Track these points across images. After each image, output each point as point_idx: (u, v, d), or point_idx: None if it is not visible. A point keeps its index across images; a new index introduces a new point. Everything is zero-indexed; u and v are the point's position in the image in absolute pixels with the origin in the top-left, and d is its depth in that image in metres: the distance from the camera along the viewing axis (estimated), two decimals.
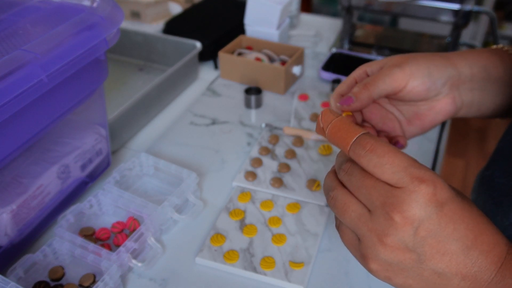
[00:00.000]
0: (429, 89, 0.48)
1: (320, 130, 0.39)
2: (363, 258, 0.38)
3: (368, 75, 0.50)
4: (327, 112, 0.39)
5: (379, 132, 0.52)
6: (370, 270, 0.38)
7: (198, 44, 0.99)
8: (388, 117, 0.52)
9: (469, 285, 0.35)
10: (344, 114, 0.47)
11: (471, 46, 1.09)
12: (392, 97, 0.50)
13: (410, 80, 0.47)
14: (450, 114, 0.51)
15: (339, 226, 0.41)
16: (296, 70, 0.98)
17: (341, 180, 0.39)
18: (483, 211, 0.46)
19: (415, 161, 0.35)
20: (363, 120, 0.53)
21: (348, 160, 0.38)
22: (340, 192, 0.38)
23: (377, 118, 0.52)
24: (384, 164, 0.35)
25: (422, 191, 0.33)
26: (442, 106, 0.50)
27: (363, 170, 0.36)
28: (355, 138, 0.36)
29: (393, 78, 0.47)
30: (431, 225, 0.34)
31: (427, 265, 0.35)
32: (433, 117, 0.51)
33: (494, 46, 0.54)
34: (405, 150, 0.40)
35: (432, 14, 0.97)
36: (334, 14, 2.60)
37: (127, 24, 1.22)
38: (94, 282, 0.59)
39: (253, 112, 0.92)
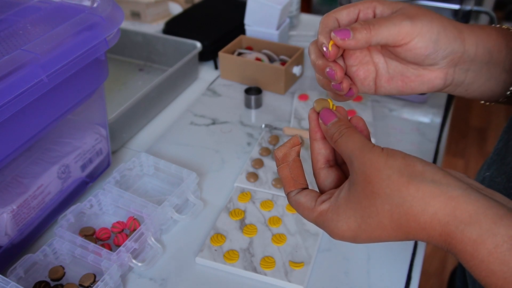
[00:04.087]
0: (429, 55, 0.45)
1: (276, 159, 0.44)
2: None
3: (374, 14, 0.44)
4: (280, 152, 0.44)
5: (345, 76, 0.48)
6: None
7: (198, 44, 0.99)
8: (367, 66, 0.48)
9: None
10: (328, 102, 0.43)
11: None
12: (388, 48, 0.46)
13: (415, 39, 0.43)
14: (435, 88, 0.48)
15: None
16: (296, 70, 0.98)
17: None
18: None
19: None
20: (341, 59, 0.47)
21: None
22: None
23: (355, 62, 0.48)
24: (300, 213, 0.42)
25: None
26: (431, 78, 0.47)
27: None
28: (287, 193, 0.42)
29: (400, 29, 0.42)
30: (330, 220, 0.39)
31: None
32: (417, 85, 0.48)
33: (505, 26, 0.50)
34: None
35: None
36: None
37: (127, 24, 1.22)
38: (94, 282, 0.59)
39: (253, 112, 0.92)
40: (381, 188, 0.35)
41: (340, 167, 0.43)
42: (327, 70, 0.43)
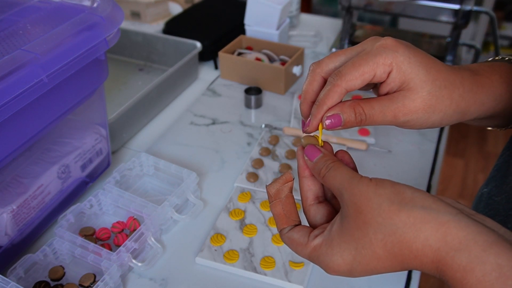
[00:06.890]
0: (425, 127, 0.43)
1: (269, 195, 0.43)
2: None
3: (388, 76, 0.40)
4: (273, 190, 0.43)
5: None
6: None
7: (198, 44, 0.99)
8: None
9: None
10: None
11: (471, 46, 1.09)
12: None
13: (409, 127, 0.42)
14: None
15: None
16: (296, 70, 0.98)
17: None
18: None
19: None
20: None
21: None
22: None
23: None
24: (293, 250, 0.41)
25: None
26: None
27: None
28: (280, 230, 0.42)
29: (392, 123, 0.41)
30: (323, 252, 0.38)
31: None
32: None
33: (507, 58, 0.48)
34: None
35: (432, 14, 0.97)
36: (334, 14, 2.59)
37: (127, 24, 1.22)
38: (94, 282, 0.59)
39: (253, 112, 0.92)
40: (372, 217, 0.34)
41: (330, 202, 0.42)
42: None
